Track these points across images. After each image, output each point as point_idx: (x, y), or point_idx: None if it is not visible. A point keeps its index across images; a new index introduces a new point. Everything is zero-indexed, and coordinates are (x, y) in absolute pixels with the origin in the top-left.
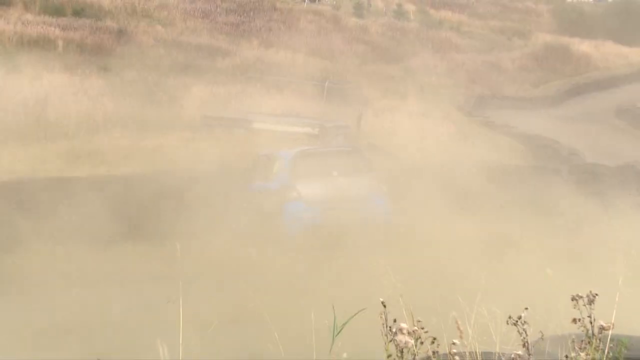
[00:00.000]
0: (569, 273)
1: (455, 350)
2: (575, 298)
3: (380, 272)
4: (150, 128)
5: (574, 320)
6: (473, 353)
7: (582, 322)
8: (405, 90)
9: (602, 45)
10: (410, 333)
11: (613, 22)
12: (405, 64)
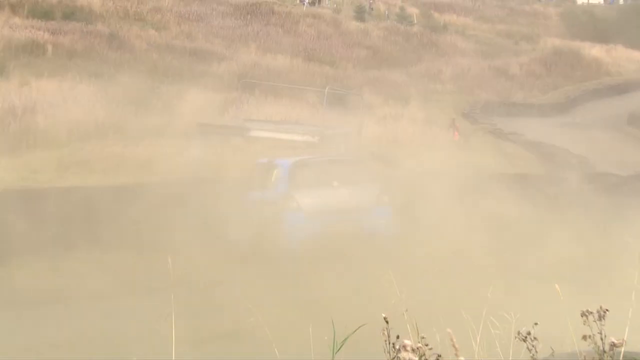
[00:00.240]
0: (579, 288)
1: None
2: (585, 314)
3: (383, 285)
4: (144, 136)
5: (585, 337)
6: None
7: (592, 338)
8: (409, 97)
9: (613, 50)
10: (415, 350)
11: (625, 25)
12: (409, 70)
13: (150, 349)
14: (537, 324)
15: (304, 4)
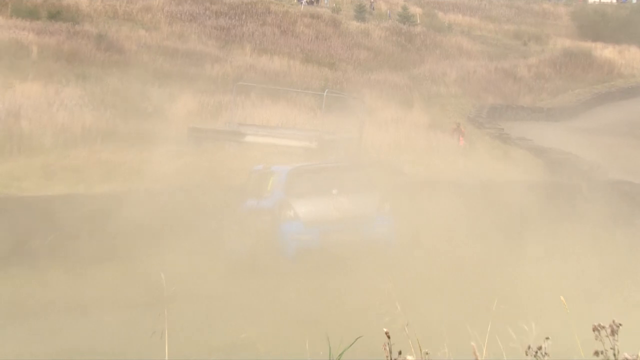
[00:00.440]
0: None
1: None
2: (597, 328)
3: (384, 298)
4: (133, 142)
5: (596, 353)
6: None
7: (604, 354)
8: (411, 100)
9: (626, 51)
10: None
11: (638, 25)
12: (411, 72)
13: None
14: (548, 339)
15: (302, 3)
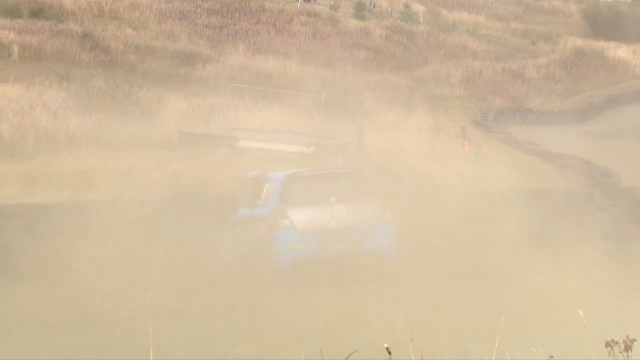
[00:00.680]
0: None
1: None
2: (610, 344)
3: (383, 311)
4: (120, 147)
5: None
6: None
7: None
8: (414, 103)
9: None
10: None
11: None
12: (414, 73)
13: None
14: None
15: (298, 1)
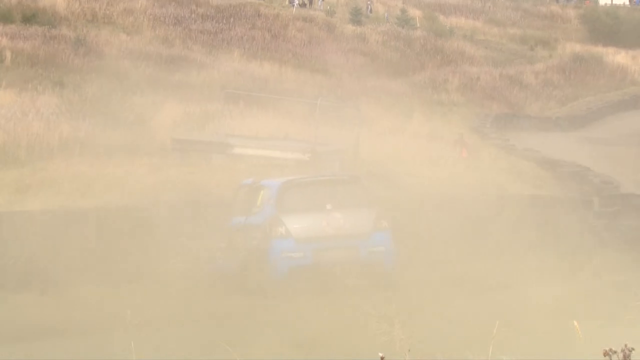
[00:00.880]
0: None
1: None
2: (609, 353)
3: (380, 319)
4: (114, 154)
5: None
6: None
7: None
8: (411, 109)
9: None
10: None
11: None
12: (411, 79)
13: None
14: None
15: (294, 6)
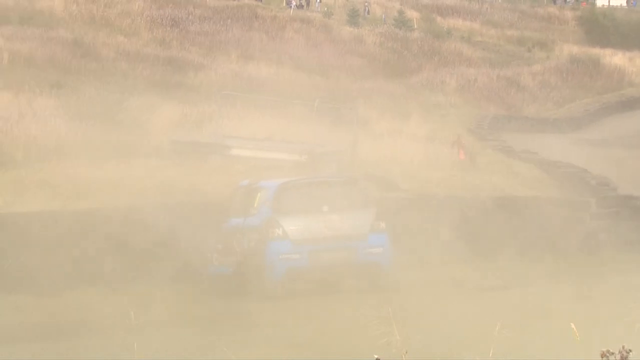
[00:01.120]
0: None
1: None
2: (606, 354)
3: (379, 321)
4: (111, 155)
5: None
6: None
7: None
8: (408, 111)
9: (637, 57)
10: None
11: None
12: (408, 80)
13: None
14: None
15: (291, 7)
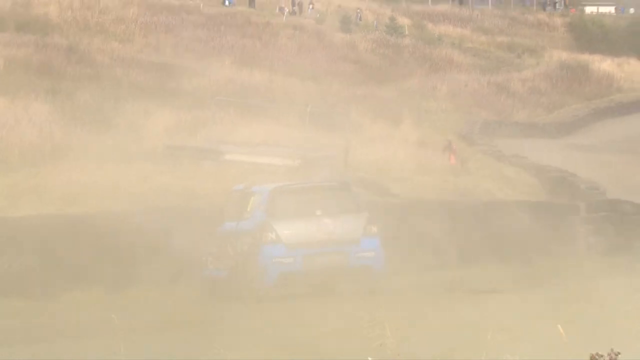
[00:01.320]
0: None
1: None
2: (595, 357)
3: (372, 324)
4: (106, 160)
5: None
6: None
7: None
8: (400, 116)
9: (626, 63)
10: None
11: (638, 37)
12: (400, 86)
13: None
14: None
15: (284, 14)
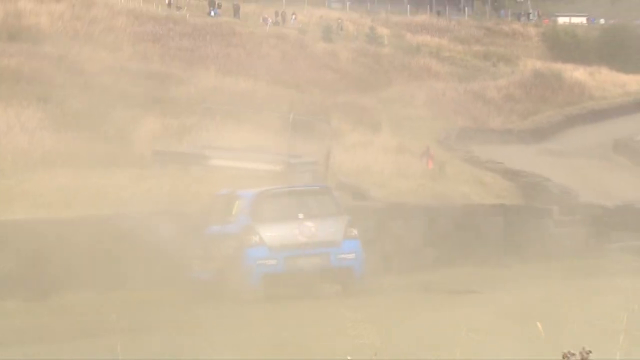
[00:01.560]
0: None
1: None
2: (567, 355)
3: (350, 326)
4: (95, 166)
5: None
6: None
7: None
8: (379, 123)
9: (597, 72)
10: None
11: (609, 46)
12: (379, 94)
13: None
14: None
15: (267, 25)
